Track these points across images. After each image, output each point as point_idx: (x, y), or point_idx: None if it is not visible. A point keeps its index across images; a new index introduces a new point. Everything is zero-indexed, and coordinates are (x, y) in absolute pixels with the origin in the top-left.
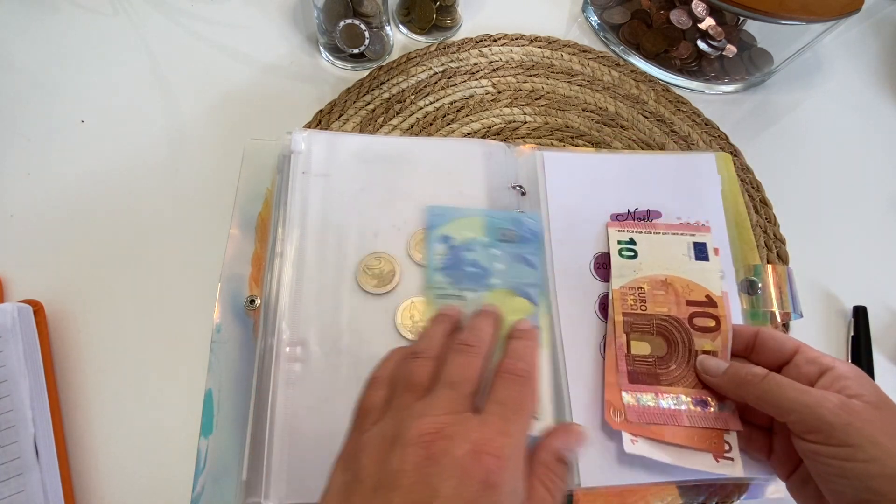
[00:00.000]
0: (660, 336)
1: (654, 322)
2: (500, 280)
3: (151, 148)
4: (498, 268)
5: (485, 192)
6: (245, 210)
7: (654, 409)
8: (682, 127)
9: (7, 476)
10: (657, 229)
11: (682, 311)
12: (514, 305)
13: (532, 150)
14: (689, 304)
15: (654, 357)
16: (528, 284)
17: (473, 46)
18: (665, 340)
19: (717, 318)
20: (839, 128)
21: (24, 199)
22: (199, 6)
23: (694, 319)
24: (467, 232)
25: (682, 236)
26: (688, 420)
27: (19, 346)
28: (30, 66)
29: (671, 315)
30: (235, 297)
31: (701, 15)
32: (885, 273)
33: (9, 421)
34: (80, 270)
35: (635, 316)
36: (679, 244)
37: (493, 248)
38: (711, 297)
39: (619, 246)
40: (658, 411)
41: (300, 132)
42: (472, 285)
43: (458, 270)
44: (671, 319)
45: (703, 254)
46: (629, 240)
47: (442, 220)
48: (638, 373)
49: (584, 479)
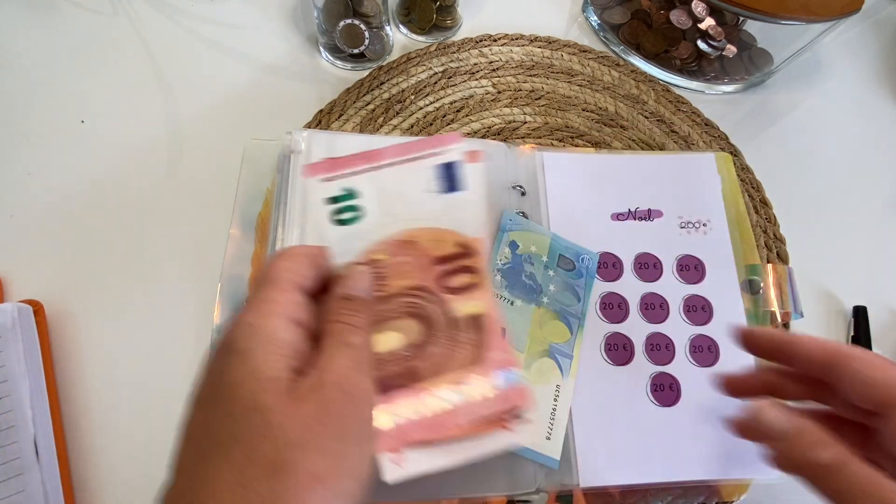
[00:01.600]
0: (411, 317)
1: (400, 301)
2: (549, 300)
3: (151, 148)
4: (550, 289)
5: (485, 193)
6: (245, 210)
7: (419, 421)
8: (682, 127)
9: (7, 476)
10: (383, 159)
11: (429, 275)
12: (555, 328)
13: (532, 151)
14: (438, 262)
15: (410, 347)
16: (570, 313)
17: (473, 46)
18: (419, 321)
19: (473, 270)
20: (839, 128)
21: (24, 199)
22: (199, 6)
23: (448, 279)
24: (533, 246)
25: (420, 161)
26: (464, 417)
27: (19, 346)
28: (30, 66)
29: (418, 286)
30: (235, 297)
31: (701, 15)
32: (885, 273)
33: (9, 421)
34: (80, 270)
35: (374, 303)
36: (417, 177)
37: (551, 269)
38: (466, 244)
39: (328, 208)
40: (424, 423)
41: (300, 132)
42: (524, 296)
43: (516, 277)
44: (420, 291)
45: (453, 181)
46: (346, 192)
47: (515, 226)
48: (391, 377)
49: (584, 479)
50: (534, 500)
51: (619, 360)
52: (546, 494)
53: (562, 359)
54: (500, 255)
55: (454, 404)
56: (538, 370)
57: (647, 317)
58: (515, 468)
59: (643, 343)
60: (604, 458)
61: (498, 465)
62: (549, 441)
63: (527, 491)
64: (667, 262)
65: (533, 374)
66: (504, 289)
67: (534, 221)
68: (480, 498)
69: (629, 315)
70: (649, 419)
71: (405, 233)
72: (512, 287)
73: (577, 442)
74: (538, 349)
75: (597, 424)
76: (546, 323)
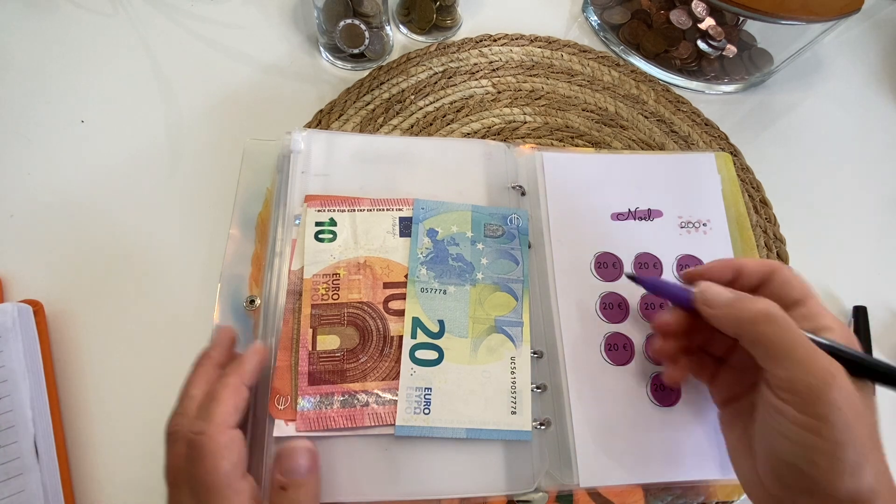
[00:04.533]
0: (351, 326)
1: (346, 311)
2: (483, 275)
3: (151, 148)
4: (482, 263)
5: (484, 193)
6: (245, 210)
7: (331, 412)
8: (682, 127)
9: (7, 476)
10: (361, 205)
11: (377, 296)
12: (497, 301)
13: (532, 151)
14: (386, 287)
15: (342, 351)
16: (511, 280)
17: (473, 46)
18: (357, 330)
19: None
20: (839, 128)
21: (24, 199)
22: (199, 6)
23: (390, 303)
24: (453, 226)
25: (388, 212)
26: (369, 420)
27: (19, 346)
28: (30, 66)
29: (364, 301)
30: (235, 297)
31: (701, 15)
32: (885, 273)
33: (9, 421)
34: (80, 270)
35: (325, 307)
36: (384, 220)
37: (479, 242)
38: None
39: (315, 228)
40: (334, 414)
41: (300, 132)
42: (456, 280)
43: (443, 264)
44: (364, 306)
45: (408, 229)
46: (329, 220)
47: (428, 213)
48: (321, 371)
49: (584, 479)
50: (534, 500)
51: (620, 361)
52: (546, 494)
53: (511, 329)
54: (420, 248)
55: (367, 404)
56: (487, 348)
57: (647, 317)
58: (515, 468)
59: (643, 343)
60: (604, 458)
61: (498, 465)
62: (515, 415)
63: (527, 491)
64: (667, 263)
65: (482, 354)
66: (433, 279)
67: (533, 221)
68: (480, 498)
69: (629, 315)
70: (650, 419)
71: (364, 258)
72: (441, 276)
73: (577, 442)
74: (482, 328)
75: (597, 424)
76: (486, 298)
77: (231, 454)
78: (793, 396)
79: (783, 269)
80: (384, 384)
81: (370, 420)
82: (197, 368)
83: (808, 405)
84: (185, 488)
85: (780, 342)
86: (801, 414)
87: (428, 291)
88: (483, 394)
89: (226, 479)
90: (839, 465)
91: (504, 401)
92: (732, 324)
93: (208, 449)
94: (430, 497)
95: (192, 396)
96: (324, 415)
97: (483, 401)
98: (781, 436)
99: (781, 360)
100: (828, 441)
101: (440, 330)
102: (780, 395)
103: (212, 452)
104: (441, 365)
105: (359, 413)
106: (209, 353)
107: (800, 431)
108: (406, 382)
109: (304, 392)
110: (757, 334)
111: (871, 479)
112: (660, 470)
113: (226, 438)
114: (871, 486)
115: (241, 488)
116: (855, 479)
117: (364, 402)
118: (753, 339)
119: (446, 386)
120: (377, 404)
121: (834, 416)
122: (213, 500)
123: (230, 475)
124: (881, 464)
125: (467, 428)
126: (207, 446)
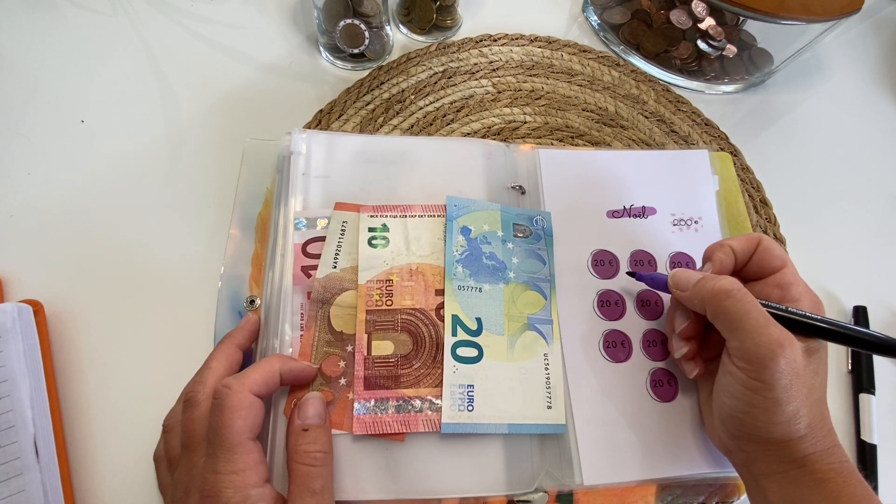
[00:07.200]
0: (405, 332)
1: (399, 318)
2: (515, 274)
3: (151, 148)
4: (514, 262)
5: (485, 192)
6: (245, 210)
7: (386, 417)
8: (682, 127)
9: (7, 476)
10: (413, 212)
11: (430, 302)
12: (528, 299)
13: (532, 150)
14: (438, 294)
15: (396, 356)
16: (539, 279)
17: (473, 46)
18: (410, 336)
19: None
20: (839, 128)
21: (24, 199)
22: (199, 6)
23: (441, 310)
24: (485, 225)
25: (439, 218)
26: (423, 426)
27: (19, 346)
28: (30, 66)
29: (417, 308)
30: (235, 297)
31: (701, 15)
32: (885, 273)
33: (9, 421)
34: (80, 270)
35: (379, 313)
36: (435, 227)
37: (509, 242)
38: None
39: (368, 234)
40: (389, 419)
41: (300, 132)
42: (491, 278)
43: (477, 262)
44: (417, 312)
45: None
46: (382, 226)
47: (461, 210)
48: (376, 377)
49: (584, 479)
50: (534, 500)
51: (618, 357)
52: (546, 494)
53: (543, 326)
54: (455, 246)
55: (421, 411)
56: (522, 346)
57: (643, 313)
58: (515, 468)
59: (640, 339)
60: (605, 455)
61: (498, 465)
62: (550, 410)
63: (527, 490)
64: (660, 260)
65: (518, 351)
66: (469, 278)
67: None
68: (480, 498)
69: (626, 312)
70: (650, 415)
71: (416, 264)
72: (476, 273)
73: (579, 440)
74: (517, 325)
75: (597, 422)
76: (519, 296)
77: (249, 416)
78: (744, 364)
79: (765, 239)
80: (437, 391)
81: (424, 426)
82: (220, 346)
83: (756, 371)
84: (202, 446)
85: (735, 315)
86: (750, 378)
87: (465, 289)
88: (521, 390)
89: (238, 437)
90: (774, 417)
91: (540, 396)
92: (699, 301)
93: (230, 403)
94: (430, 497)
95: (211, 368)
96: (379, 420)
97: (521, 396)
98: (730, 395)
99: (737, 332)
100: (767, 400)
101: (478, 327)
102: (735, 363)
103: (231, 408)
104: (481, 362)
105: (413, 419)
106: (234, 333)
107: (745, 392)
108: (450, 380)
109: (360, 396)
110: (718, 308)
111: (803, 426)
112: (661, 466)
113: (249, 400)
114: (802, 432)
115: (251, 448)
116: (788, 427)
117: (418, 408)
118: (715, 313)
119: (487, 383)
120: (430, 410)
121: (775, 380)
122: (223, 452)
123: (242, 433)
124: (817, 414)
125: (509, 423)
126: (231, 400)
